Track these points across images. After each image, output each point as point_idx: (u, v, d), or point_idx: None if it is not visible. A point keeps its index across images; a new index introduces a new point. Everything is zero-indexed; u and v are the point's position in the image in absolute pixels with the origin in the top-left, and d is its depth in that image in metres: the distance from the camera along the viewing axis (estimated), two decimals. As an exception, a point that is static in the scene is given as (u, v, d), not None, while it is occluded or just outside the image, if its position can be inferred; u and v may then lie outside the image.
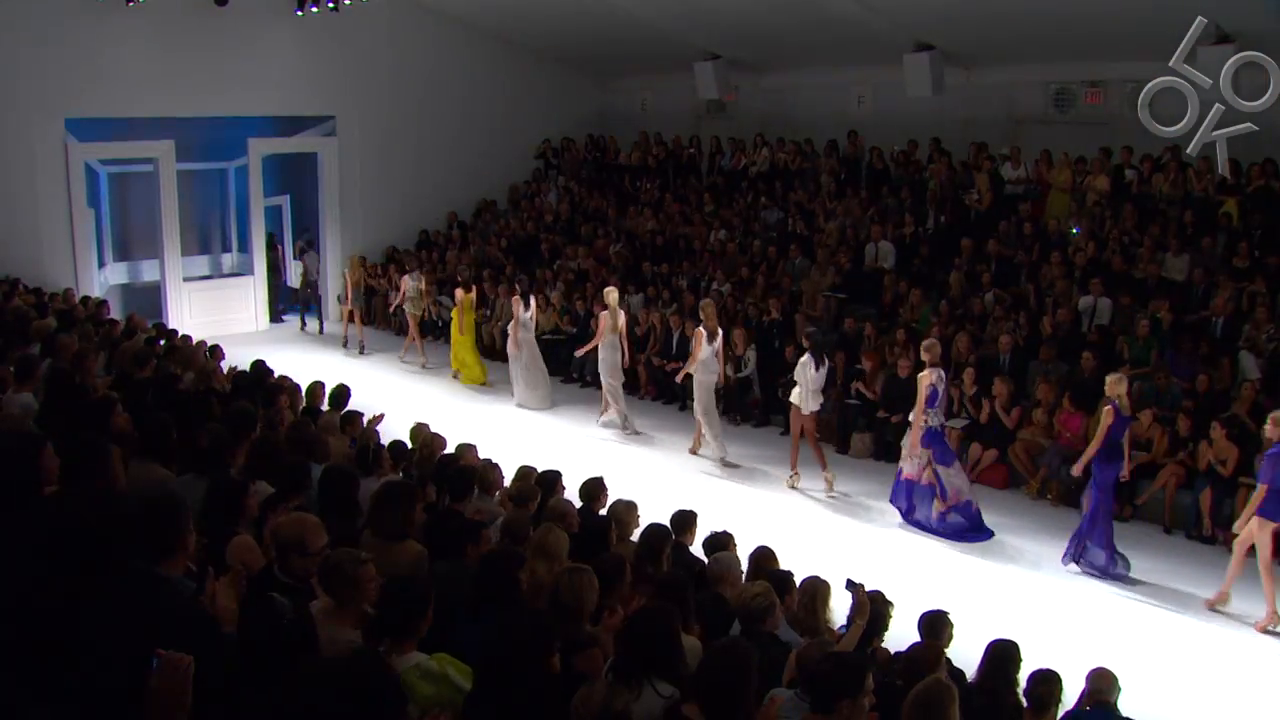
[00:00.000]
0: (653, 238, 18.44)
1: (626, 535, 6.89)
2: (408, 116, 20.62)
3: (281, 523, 4.61)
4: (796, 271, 16.06)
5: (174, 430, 6.37)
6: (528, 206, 21.67)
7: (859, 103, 18.24)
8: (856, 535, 10.59)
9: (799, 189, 18.00)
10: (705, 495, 11.07)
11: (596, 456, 12.22)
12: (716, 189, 19.34)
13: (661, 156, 20.74)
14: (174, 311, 18.73)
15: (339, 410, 9.59)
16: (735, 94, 19.52)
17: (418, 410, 12.86)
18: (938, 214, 16.07)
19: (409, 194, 21.05)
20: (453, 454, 8.02)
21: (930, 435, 10.39)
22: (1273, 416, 8.51)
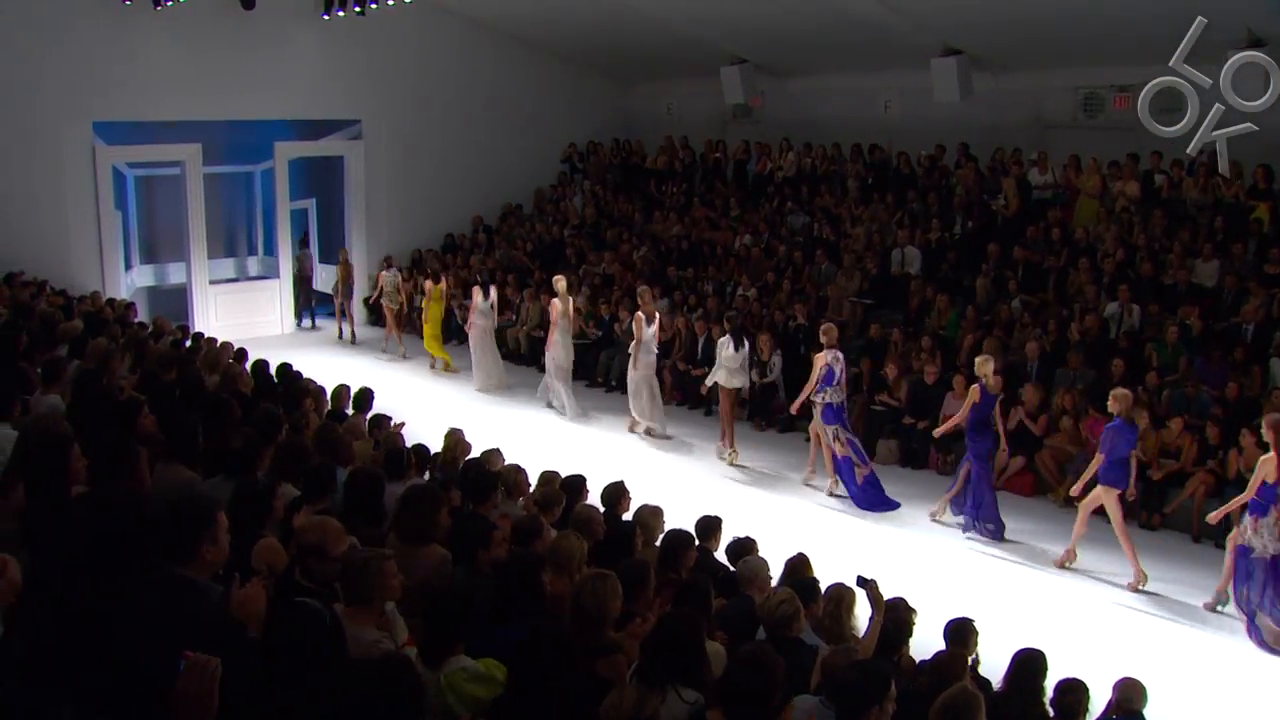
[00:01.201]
0: (678, 242, 18.44)
1: (652, 540, 6.89)
2: (433, 120, 20.71)
3: (303, 526, 4.63)
4: (822, 277, 16.02)
5: (200, 433, 6.42)
6: (553, 210, 21.71)
7: (886, 107, 18.19)
8: (874, 539, 10.56)
9: (825, 194, 17.96)
10: (725, 499, 11.15)
11: (615, 460, 12.30)
12: (743, 193, 19.33)
13: (687, 161, 20.75)
14: (200, 314, 18.89)
15: (363, 413, 9.65)
16: (761, 98, 19.50)
17: (442, 414, 13.07)
18: (965, 219, 16.00)
19: (434, 198, 21.13)
20: (477, 459, 8.03)
21: (831, 411, 11.30)
22: (1113, 394, 9.37)
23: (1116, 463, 9.29)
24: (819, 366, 11.32)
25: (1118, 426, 9.31)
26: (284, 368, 10.75)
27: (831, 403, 11.34)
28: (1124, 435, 9.33)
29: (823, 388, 11.34)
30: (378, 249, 20.27)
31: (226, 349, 11.71)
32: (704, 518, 7.40)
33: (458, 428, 9.06)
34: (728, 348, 12.59)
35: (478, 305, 15.83)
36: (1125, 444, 9.32)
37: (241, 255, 23.04)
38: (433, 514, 5.55)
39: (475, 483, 6.73)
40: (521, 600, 4.98)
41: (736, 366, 12.63)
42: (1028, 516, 10.99)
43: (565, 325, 14.54)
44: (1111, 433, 9.31)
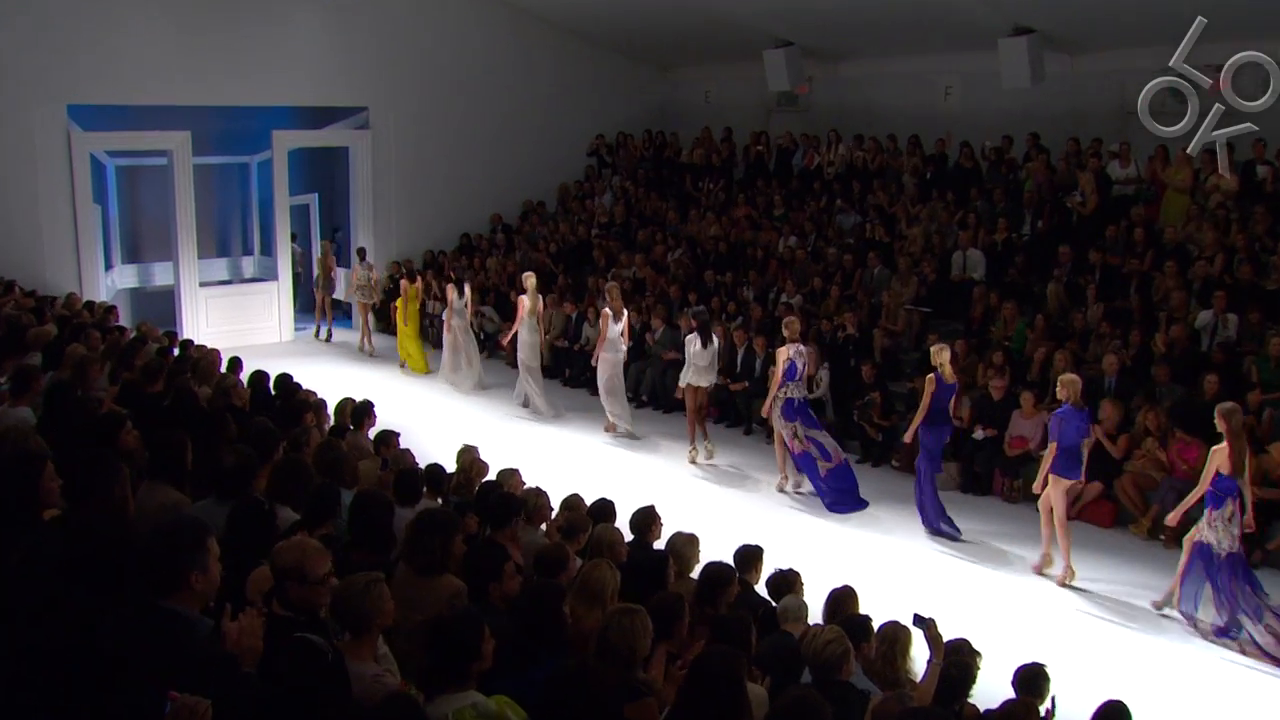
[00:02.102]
0: (716, 244, 18.42)
1: (686, 571, 6.86)
2: (448, 109, 20.81)
3: (278, 549, 4.63)
4: (875, 282, 15.95)
5: (189, 450, 6.43)
6: (579, 209, 21.76)
7: (947, 94, 18.11)
8: (916, 565, 10.58)
9: (879, 190, 17.88)
10: (751, 520, 11.43)
11: (635, 479, 12.57)
12: (787, 191, 19.28)
13: (726, 154, 20.74)
14: (189, 319, 18.99)
15: (364, 428, 9.66)
16: (808, 85, 19.48)
17: (443, 426, 13.48)
18: (1035, 218, 15.88)
19: (449, 194, 21.23)
20: (495, 481, 8.02)
21: (791, 406, 12.02)
22: (1061, 379, 9.95)
23: (1067, 452, 9.79)
24: (781, 361, 12.03)
25: (1065, 413, 9.81)
26: (283, 379, 10.77)
27: (793, 398, 12.06)
28: (1072, 422, 9.78)
29: (784, 383, 12.04)
30: (385, 249, 20.39)
31: (218, 358, 11.76)
32: (744, 547, 7.40)
33: (472, 445, 9.08)
34: (695, 344, 13.37)
35: (452, 303, 16.76)
36: (1074, 431, 9.78)
37: (235, 255, 23.24)
38: (447, 542, 5.54)
39: (497, 508, 6.72)
40: (542, 636, 4.96)
41: (705, 364, 13.38)
42: (1107, 551, 10.82)
43: (532, 324, 15.35)
44: (1059, 420, 9.81)
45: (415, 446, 9.75)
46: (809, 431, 12.12)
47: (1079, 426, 9.84)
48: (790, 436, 12.15)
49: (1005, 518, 11.65)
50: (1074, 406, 9.85)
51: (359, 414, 9.77)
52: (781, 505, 12.23)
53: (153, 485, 6.16)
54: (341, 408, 10.05)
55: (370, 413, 9.81)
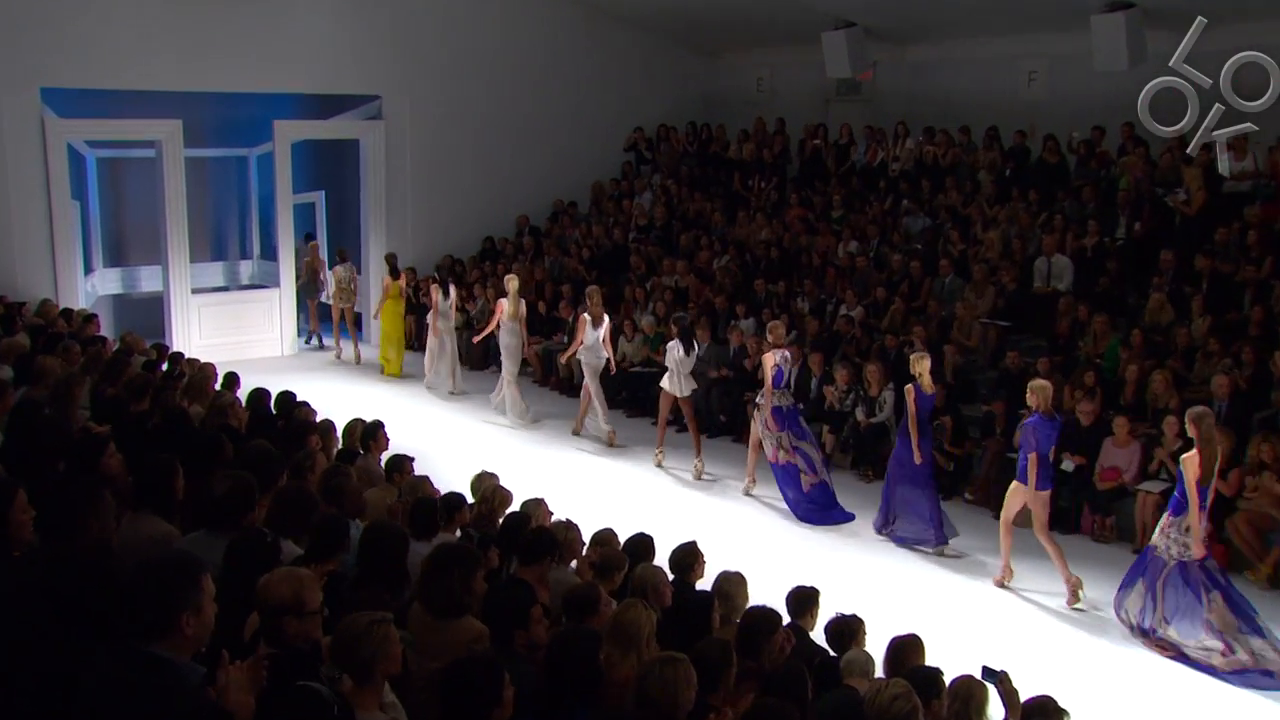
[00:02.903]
0: (768, 250, 18.38)
1: (734, 616, 6.82)
2: (469, 98, 20.89)
3: (270, 581, 4.60)
4: (946, 293, 15.85)
5: (180, 476, 6.43)
6: (615, 210, 21.79)
7: (1030, 80, 17.98)
8: (960, 597, 10.73)
9: (951, 190, 17.80)
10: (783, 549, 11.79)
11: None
12: (847, 190, 19.21)
13: (780, 149, 20.72)
14: (180, 330, 19.10)
15: (370, 452, 9.65)
16: (873, 71, 19.44)
17: (463, 451, 13.56)
18: (1131, 220, 15.73)
19: (470, 193, 21.31)
20: (521, 513, 8.00)
21: (780, 414, 12.73)
22: (1031, 386, 10.48)
23: (1039, 462, 10.32)
24: (768, 368, 12.76)
25: (1035, 422, 10.31)
26: (284, 397, 10.79)
27: (780, 406, 12.78)
28: (1043, 431, 10.29)
29: (771, 390, 12.77)
30: (400, 255, 20.38)
31: (213, 373, 11.80)
32: (797, 590, 7.41)
33: (491, 472, 9.08)
34: (676, 350, 13.96)
35: (437, 305, 17.58)
36: (1044, 439, 10.30)
37: (232, 259, 23.36)
38: (467, 580, 5.51)
39: (529, 544, 6.71)
40: (575, 685, 4.95)
41: (688, 372, 14.06)
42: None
43: (514, 328, 16.12)
44: (1029, 430, 10.34)
45: (430, 472, 9.74)
46: (797, 442, 12.73)
47: (1050, 435, 10.34)
48: (774, 447, 12.74)
49: (1095, 559, 11.43)
50: (1044, 415, 10.31)
51: (369, 436, 9.77)
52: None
53: (138, 516, 6.16)
54: (350, 429, 10.05)
55: (381, 434, 9.81)
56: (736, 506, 13.13)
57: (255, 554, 5.32)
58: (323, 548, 5.83)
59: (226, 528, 5.90)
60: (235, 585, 4.79)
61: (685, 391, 14.08)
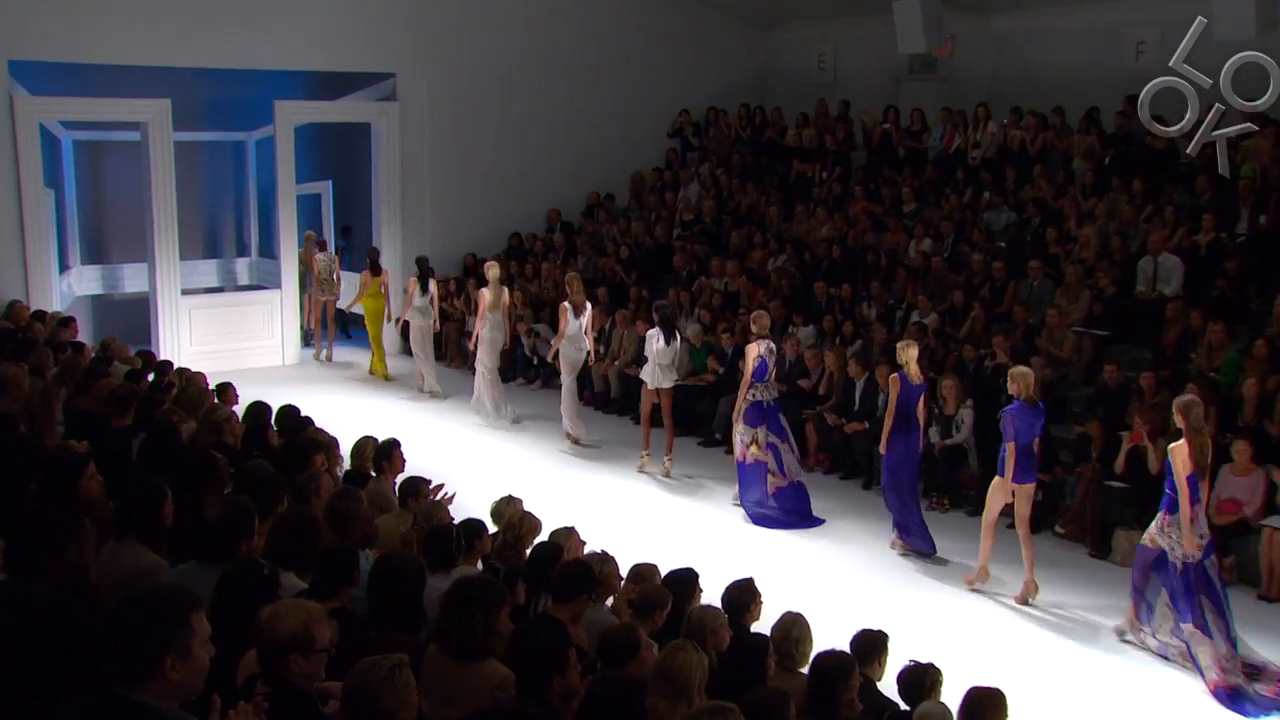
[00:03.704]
0: (829, 249, 18.32)
1: (796, 663, 6.83)
2: (495, 77, 20.95)
3: (277, 613, 4.58)
4: (1034, 297, 15.74)
5: (168, 500, 6.43)
6: (657, 203, 21.81)
7: (1138, 53, 17.78)
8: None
9: (1041, 180, 17.68)
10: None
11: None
12: (920, 181, 19.14)
13: (844, 135, 20.68)
14: (168, 336, 19.19)
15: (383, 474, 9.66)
16: (950, 45, 19.36)
17: (485, 473, 13.73)
18: (1255, 213, 15.59)
19: (495, 184, 21.38)
20: (552, 543, 7.98)
21: (758, 410, 13.34)
22: (1011, 373, 11.23)
23: (1018, 452, 10.97)
24: (751, 359, 13.31)
25: (1015, 410, 10.97)
26: (286, 412, 10.82)
27: (761, 401, 13.40)
28: (1024, 419, 10.93)
29: (753, 383, 13.35)
30: (415, 251, 20.43)
31: (205, 384, 11.84)
32: (865, 634, 7.38)
33: (515, 496, 9.08)
34: (657, 341, 14.66)
35: (412, 298, 18.32)
36: (1026, 429, 10.94)
37: (228, 256, 23.48)
38: (490, 618, 5.49)
39: (566, 580, 6.71)
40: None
41: (668, 363, 14.75)
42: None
43: (496, 320, 16.85)
44: (1009, 418, 10.96)
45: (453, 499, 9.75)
46: (770, 438, 13.38)
47: (1032, 424, 10.99)
48: (746, 443, 13.38)
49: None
50: (1025, 403, 10.99)
51: (383, 456, 9.78)
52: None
53: (120, 545, 6.18)
54: (359, 448, 10.08)
55: (397, 455, 9.82)
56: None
57: (251, 588, 5.32)
58: (329, 581, 5.83)
59: (220, 558, 5.89)
60: (228, 622, 4.77)
61: (665, 384, 14.75)
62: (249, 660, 4.70)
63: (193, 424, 9.78)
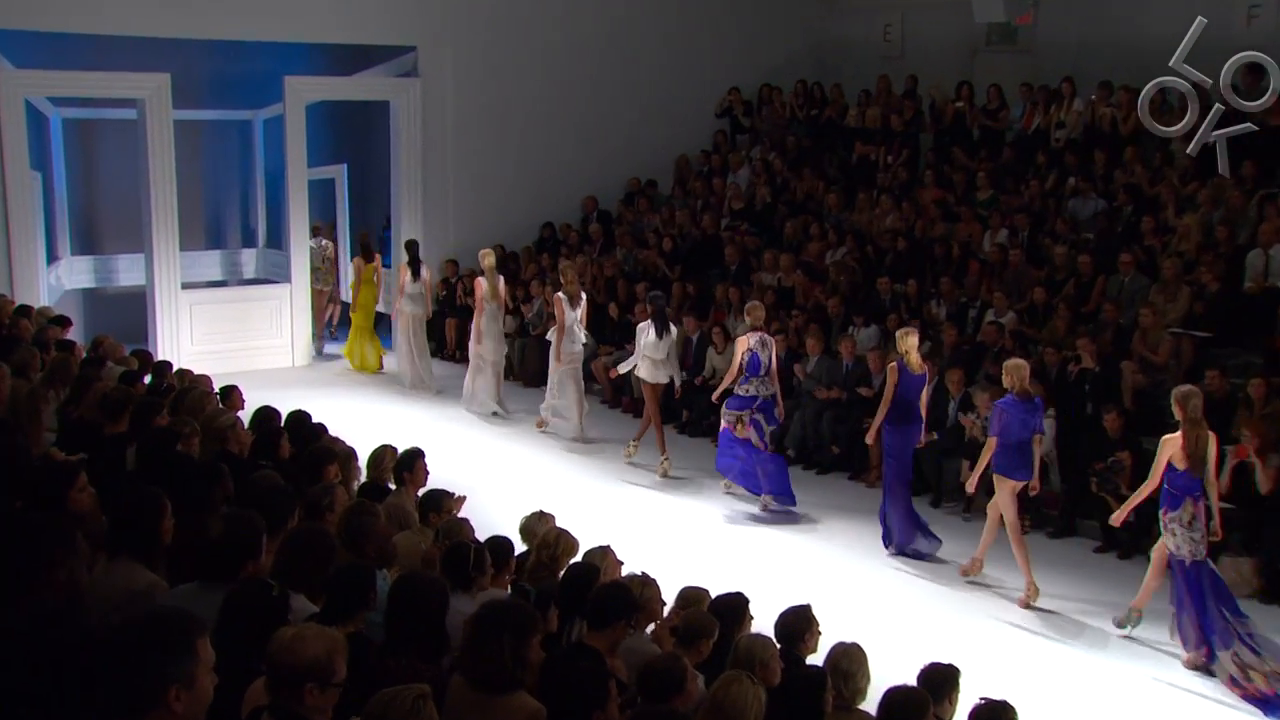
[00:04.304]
0: (894, 240, 18.27)
1: (853, 699, 6.88)
2: (526, 50, 21.01)
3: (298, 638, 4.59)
4: (1126, 294, 15.64)
5: (167, 515, 6.45)
6: (704, 190, 21.83)
7: (1251, 16, 17.62)
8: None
9: (1134, 163, 17.56)
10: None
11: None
12: (998, 165, 19.05)
13: (911, 115, 20.62)
14: (167, 334, 19.34)
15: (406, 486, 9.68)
16: (1033, 13, 19.28)
17: (515, 486, 13.86)
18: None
19: (526, 168, 21.47)
20: (585, 562, 7.98)
21: (748, 400, 13.90)
22: (1005, 366, 11.77)
23: (1011, 448, 11.56)
24: (740, 352, 13.93)
25: (1008, 404, 11.57)
26: (297, 418, 10.87)
27: (756, 395, 13.98)
28: (1016, 414, 11.49)
29: (746, 378, 13.94)
30: (440, 243, 20.52)
31: (209, 387, 11.88)
32: (932, 668, 7.33)
33: (548, 513, 9.12)
34: (648, 333, 15.30)
35: (404, 287, 18.97)
36: (1019, 424, 11.49)
37: (232, 247, 23.60)
38: (520, 646, 5.48)
39: (602, 603, 6.70)
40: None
41: (661, 357, 15.35)
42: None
43: (493, 310, 17.72)
44: (1000, 411, 11.58)
45: (475, 513, 9.75)
46: (756, 415, 13.95)
47: (1025, 419, 11.51)
48: (732, 422, 14.01)
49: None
50: (1018, 396, 11.55)
51: (404, 467, 9.81)
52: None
53: (115, 563, 6.19)
54: (377, 458, 10.13)
55: (420, 466, 9.84)
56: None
57: (258, 610, 5.31)
58: (343, 604, 5.83)
59: (224, 578, 5.91)
60: (232, 648, 4.77)
61: (660, 378, 15.42)
62: (256, 690, 4.70)
63: (194, 431, 9.83)
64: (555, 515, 9.11)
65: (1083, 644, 10.97)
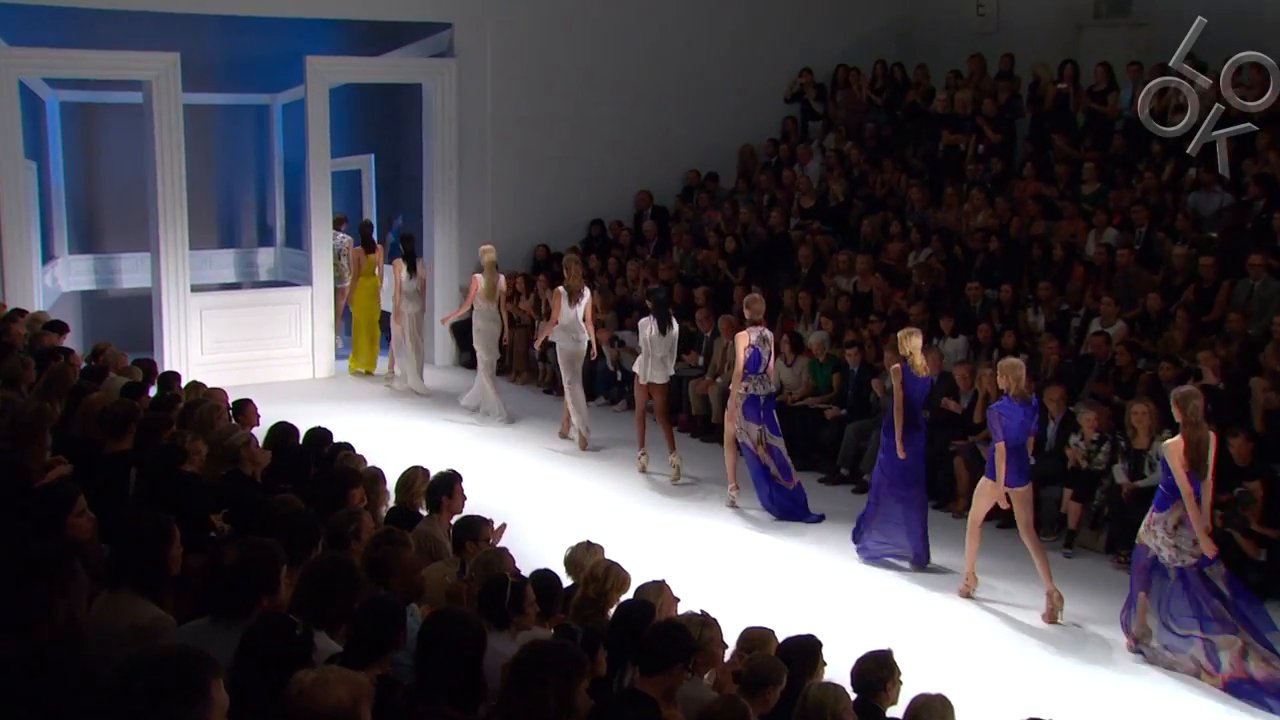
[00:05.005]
0: (986, 240, 18.20)
1: None
2: (574, 28, 21.11)
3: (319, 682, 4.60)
4: (1256, 301, 15.50)
5: (175, 542, 6.49)
6: (771, 184, 21.85)
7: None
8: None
9: (1267, 151, 17.42)
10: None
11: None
12: (1105, 155, 18.96)
13: (1007, 98, 20.54)
14: (174, 341, 19.42)
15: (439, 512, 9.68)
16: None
17: (559, 513, 13.99)
18: None
19: (573, 159, 21.56)
20: (639, 600, 7.99)
21: (756, 405, 14.53)
22: (1000, 366, 12.36)
23: (1009, 452, 11.98)
24: (741, 348, 14.50)
25: (1004, 406, 12.04)
26: (317, 436, 10.92)
27: (756, 395, 14.58)
28: (1014, 417, 11.98)
29: (746, 375, 14.51)
30: (474, 242, 20.54)
31: (222, 401, 11.95)
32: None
33: (595, 544, 9.17)
34: (649, 329, 15.89)
35: (400, 285, 19.58)
36: (1018, 427, 12.00)
37: (247, 245, 23.74)
38: (566, 693, 5.51)
39: (653, 645, 6.68)
40: None
41: (663, 354, 15.95)
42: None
43: (490, 311, 18.26)
44: (995, 415, 12.07)
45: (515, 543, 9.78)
46: (773, 440, 14.63)
47: (1023, 422, 12.05)
48: (753, 443, 14.60)
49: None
50: (1015, 398, 12.02)
51: (441, 491, 9.82)
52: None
53: (117, 596, 6.21)
54: (407, 481, 10.12)
55: (458, 490, 9.85)
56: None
57: (280, 650, 5.31)
58: (370, 643, 5.83)
59: (238, 614, 5.94)
60: (250, 692, 4.80)
61: (659, 378, 15.95)
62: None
63: (203, 449, 9.90)
64: (604, 546, 9.13)
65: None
